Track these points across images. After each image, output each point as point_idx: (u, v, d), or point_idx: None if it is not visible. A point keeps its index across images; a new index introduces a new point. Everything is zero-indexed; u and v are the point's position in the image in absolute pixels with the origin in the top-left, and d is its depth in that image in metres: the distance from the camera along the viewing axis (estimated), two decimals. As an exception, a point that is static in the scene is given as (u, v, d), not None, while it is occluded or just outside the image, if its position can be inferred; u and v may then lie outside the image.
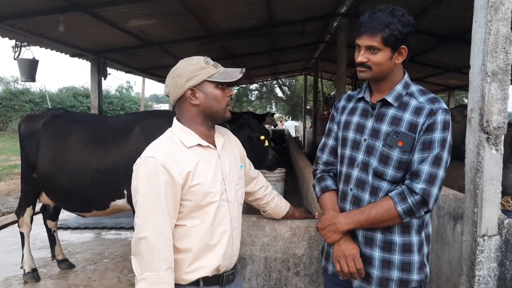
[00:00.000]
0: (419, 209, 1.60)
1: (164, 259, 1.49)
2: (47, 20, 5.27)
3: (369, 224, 1.66)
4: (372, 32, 1.62)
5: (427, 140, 1.61)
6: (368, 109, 1.77)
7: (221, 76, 1.63)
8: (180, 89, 1.62)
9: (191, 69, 1.61)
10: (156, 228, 1.49)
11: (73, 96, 27.08)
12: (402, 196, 1.60)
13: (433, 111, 1.62)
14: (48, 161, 3.65)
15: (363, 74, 1.70)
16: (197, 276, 1.60)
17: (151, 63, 9.39)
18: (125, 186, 3.43)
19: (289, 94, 28.85)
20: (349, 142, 1.78)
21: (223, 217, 1.65)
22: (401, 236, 1.67)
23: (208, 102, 1.63)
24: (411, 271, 1.66)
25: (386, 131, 1.67)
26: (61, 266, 4.35)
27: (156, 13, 5.77)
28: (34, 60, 6.49)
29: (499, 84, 1.88)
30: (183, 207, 1.56)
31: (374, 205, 1.65)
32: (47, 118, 3.84)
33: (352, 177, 1.75)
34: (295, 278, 2.34)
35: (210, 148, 1.67)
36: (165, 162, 1.51)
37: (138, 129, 3.49)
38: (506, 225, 1.88)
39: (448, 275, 2.42)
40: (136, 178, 1.54)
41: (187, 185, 1.54)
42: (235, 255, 1.74)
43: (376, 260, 1.68)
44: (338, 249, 1.68)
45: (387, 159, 1.66)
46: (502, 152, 1.92)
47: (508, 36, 1.86)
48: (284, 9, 6.84)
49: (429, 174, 1.59)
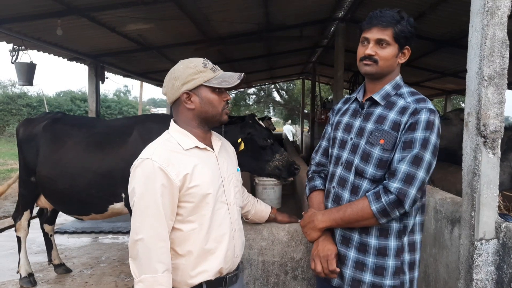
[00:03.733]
0: (393, 209, 1.57)
1: (161, 261, 1.49)
2: (44, 24, 5.27)
3: (345, 223, 1.65)
4: (385, 25, 1.63)
5: (408, 139, 1.59)
6: (358, 109, 1.79)
7: (217, 81, 1.62)
8: (176, 91, 1.62)
9: (188, 72, 1.60)
10: (153, 230, 1.49)
11: (70, 100, 27.01)
12: (377, 195, 1.58)
13: (416, 110, 1.61)
14: (48, 164, 3.65)
15: (368, 68, 1.68)
16: (200, 280, 1.60)
17: (148, 67, 9.39)
18: (122, 189, 3.42)
19: (286, 98, 28.88)
20: (337, 142, 1.80)
21: (223, 219, 1.65)
22: (377, 239, 1.66)
23: (204, 106, 1.63)
24: (384, 276, 1.64)
25: (370, 129, 1.68)
26: (58, 270, 4.33)
27: (154, 17, 5.77)
28: (31, 64, 6.48)
29: (496, 88, 1.88)
30: (182, 209, 1.56)
31: (350, 204, 1.65)
32: (47, 122, 3.84)
33: (335, 176, 1.77)
34: (293, 282, 2.34)
35: (207, 151, 1.67)
36: (163, 164, 1.51)
37: (136, 132, 3.49)
38: (503, 228, 1.88)
39: (445, 279, 2.42)
40: (133, 180, 1.54)
41: (185, 187, 1.54)
42: (238, 257, 1.73)
43: (350, 260, 1.68)
44: (315, 248, 1.71)
45: (368, 156, 1.66)
46: (499, 156, 1.92)
47: (505, 40, 1.87)
48: (282, 13, 6.87)
49: (406, 174, 1.55)
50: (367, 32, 1.68)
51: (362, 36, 1.70)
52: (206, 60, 1.66)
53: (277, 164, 3.51)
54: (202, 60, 1.65)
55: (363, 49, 1.69)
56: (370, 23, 1.66)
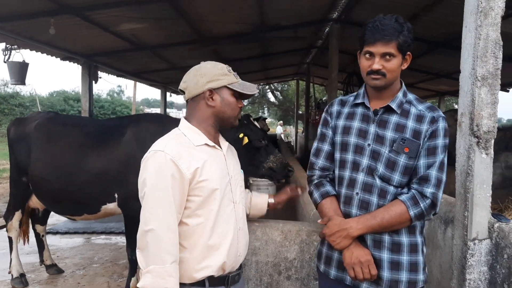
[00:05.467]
0: (430, 213, 1.66)
1: (169, 252, 1.52)
2: (37, 23, 5.23)
3: (381, 229, 1.67)
4: (389, 39, 1.63)
5: (431, 146, 1.67)
6: (368, 115, 1.78)
7: (240, 87, 1.72)
8: (200, 87, 1.68)
9: (215, 72, 1.69)
10: (163, 221, 1.52)
11: (63, 100, 26.89)
12: (415, 201, 1.64)
13: (434, 119, 1.68)
14: (41, 164, 3.61)
15: (378, 82, 1.69)
16: (203, 275, 1.62)
17: (142, 67, 9.34)
18: (116, 189, 3.39)
19: (281, 99, 28.92)
20: (351, 147, 1.78)
21: (229, 216, 1.68)
22: (408, 236, 1.71)
23: (223, 107, 1.71)
24: (418, 271, 1.69)
25: (392, 137, 1.70)
26: (50, 271, 4.29)
27: (148, 17, 5.75)
28: (24, 63, 6.44)
29: (489, 88, 1.89)
30: (191, 203, 1.59)
31: (386, 210, 1.66)
32: (39, 121, 3.80)
33: (357, 182, 1.75)
34: (287, 282, 2.33)
35: (216, 149, 1.73)
36: (174, 156, 1.55)
37: (130, 132, 3.46)
38: (496, 228, 1.89)
39: (439, 279, 2.43)
40: (144, 171, 1.57)
41: (195, 180, 1.58)
42: (241, 255, 1.75)
43: (385, 262, 1.69)
44: (350, 255, 1.66)
45: (394, 164, 1.69)
46: (492, 156, 1.93)
47: (498, 41, 1.88)
48: (276, 14, 6.86)
49: (437, 179, 1.65)
50: (371, 46, 1.67)
51: (366, 49, 1.69)
52: (229, 67, 1.75)
53: (271, 166, 3.51)
54: (226, 66, 1.74)
55: (368, 63, 1.69)
56: (373, 38, 1.65)
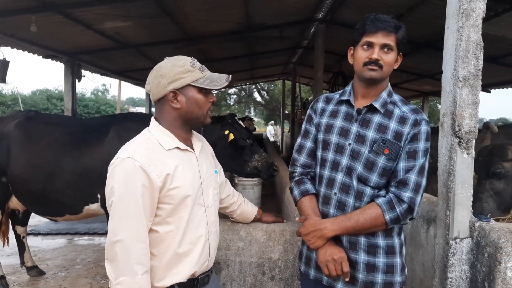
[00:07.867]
0: (406, 217, 1.64)
1: (140, 263, 1.45)
2: (18, 20, 5.14)
3: (356, 231, 1.66)
4: (390, 30, 1.62)
5: (412, 149, 1.64)
6: (352, 113, 1.76)
7: (206, 82, 1.59)
8: (162, 90, 1.57)
9: (176, 70, 1.56)
10: (133, 231, 1.44)
11: (46, 98, 26.44)
12: (391, 205, 1.62)
13: (417, 122, 1.66)
14: (21, 164, 3.52)
15: (374, 74, 1.66)
16: (172, 282, 1.57)
17: (127, 65, 9.26)
18: (99, 190, 3.35)
19: (267, 99, 28.91)
20: (332, 146, 1.76)
21: (199, 221, 1.62)
22: (385, 239, 1.70)
23: (190, 106, 1.59)
24: (394, 273, 1.69)
25: (373, 137, 1.68)
26: (31, 273, 4.21)
27: (132, 15, 5.69)
28: (4, 61, 6.33)
29: (470, 89, 1.91)
30: (161, 211, 1.52)
31: (361, 212, 1.64)
32: (19, 120, 3.71)
33: (336, 181, 1.73)
34: (270, 283, 2.32)
35: (188, 152, 1.64)
36: (144, 163, 1.46)
37: (112, 132, 3.42)
38: (477, 227, 1.91)
39: (421, 278, 2.45)
40: (112, 179, 1.48)
41: (166, 188, 1.50)
42: (211, 259, 1.72)
43: (361, 264, 1.69)
44: (324, 253, 1.66)
45: (373, 165, 1.67)
46: (474, 156, 1.95)
47: (479, 42, 1.90)
48: (262, 13, 6.86)
49: (416, 183, 1.62)
50: (371, 36, 1.63)
51: (365, 40, 1.65)
52: (194, 60, 1.61)
53: (256, 165, 3.51)
54: (190, 59, 1.60)
55: (366, 54, 1.66)
56: (375, 27, 1.62)
